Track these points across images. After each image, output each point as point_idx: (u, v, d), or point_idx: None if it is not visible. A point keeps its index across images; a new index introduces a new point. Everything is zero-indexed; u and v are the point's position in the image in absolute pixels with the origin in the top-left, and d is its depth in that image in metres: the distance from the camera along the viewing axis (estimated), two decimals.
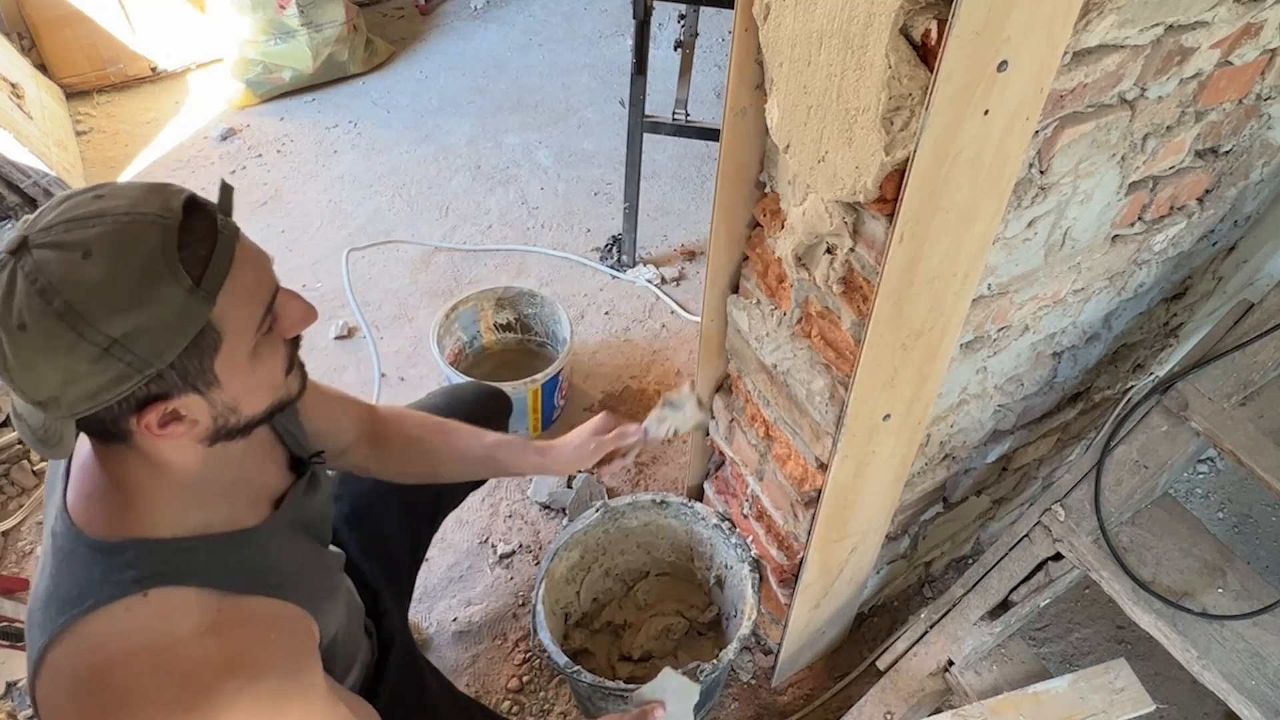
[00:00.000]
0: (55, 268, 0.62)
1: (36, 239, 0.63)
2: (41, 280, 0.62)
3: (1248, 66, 1.00)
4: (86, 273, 0.62)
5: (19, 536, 1.87)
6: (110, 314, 0.63)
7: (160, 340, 0.65)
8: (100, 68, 3.01)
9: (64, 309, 0.62)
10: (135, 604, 0.73)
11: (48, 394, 0.64)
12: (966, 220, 0.85)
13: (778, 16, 0.86)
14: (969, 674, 1.43)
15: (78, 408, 0.65)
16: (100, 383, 0.64)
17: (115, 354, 0.64)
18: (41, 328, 0.62)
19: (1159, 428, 1.23)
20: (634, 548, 1.67)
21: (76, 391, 0.64)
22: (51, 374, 0.63)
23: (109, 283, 0.63)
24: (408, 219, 2.67)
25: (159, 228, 0.66)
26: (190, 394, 0.71)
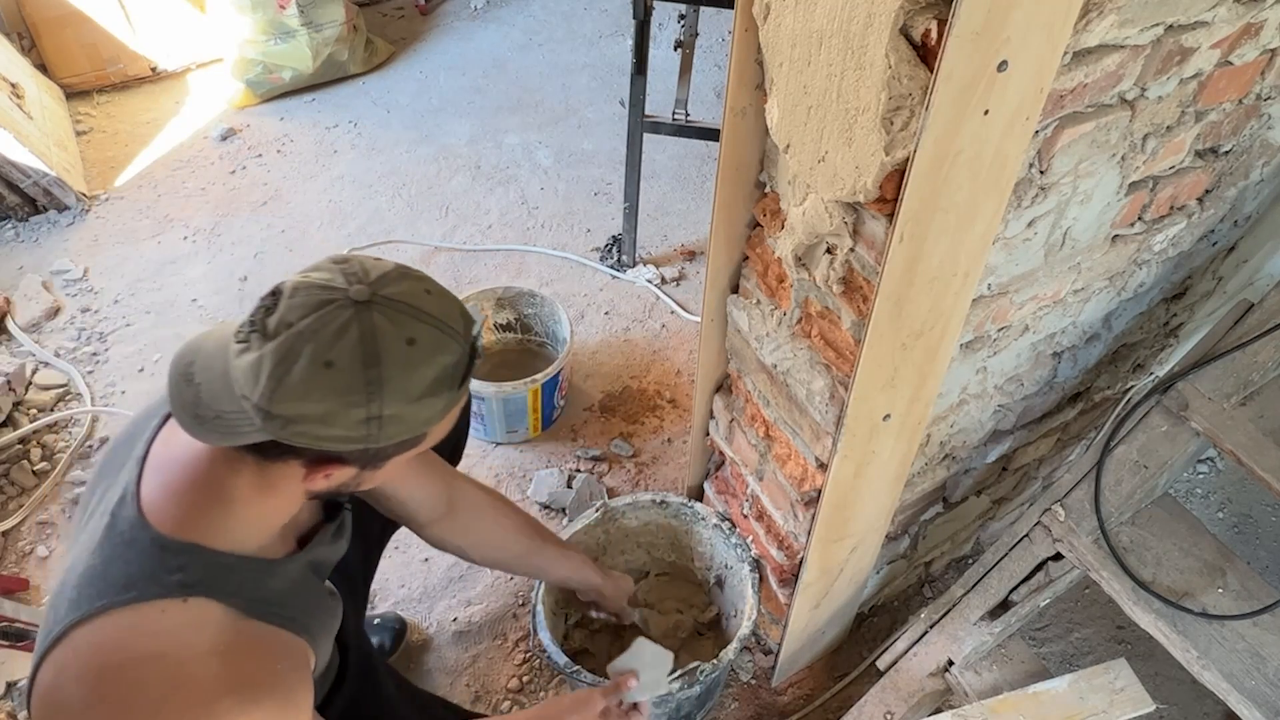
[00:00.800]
0: (386, 341, 0.71)
1: (380, 304, 0.72)
2: (371, 345, 0.70)
3: (1248, 66, 1.00)
4: (405, 357, 0.71)
5: (19, 536, 1.87)
6: (397, 399, 0.72)
7: (401, 431, 0.75)
8: (100, 68, 3.01)
9: (374, 377, 0.70)
10: (172, 608, 0.76)
11: (291, 413, 0.70)
12: (966, 220, 0.85)
13: (778, 16, 0.86)
14: (969, 674, 1.43)
15: (300, 440, 0.72)
16: (338, 435, 0.72)
17: (371, 425, 0.72)
18: (345, 377, 0.70)
19: (1159, 428, 1.23)
20: (634, 548, 1.67)
21: (315, 430, 0.71)
22: (314, 407, 0.70)
23: (414, 376, 0.72)
24: (408, 219, 2.67)
25: (459, 349, 0.76)
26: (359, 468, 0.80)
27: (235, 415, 0.72)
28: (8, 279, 2.42)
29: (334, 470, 0.78)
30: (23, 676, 1.63)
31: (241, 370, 0.71)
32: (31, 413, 2.07)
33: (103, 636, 0.74)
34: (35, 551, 1.85)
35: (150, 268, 2.49)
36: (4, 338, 2.25)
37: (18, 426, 2.02)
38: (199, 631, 0.76)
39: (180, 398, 0.74)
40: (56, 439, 2.04)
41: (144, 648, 0.74)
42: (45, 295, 2.37)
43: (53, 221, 2.60)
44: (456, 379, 0.76)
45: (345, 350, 0.70)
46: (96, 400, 2.13)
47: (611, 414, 2.14)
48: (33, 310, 2.32)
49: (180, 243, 2.57)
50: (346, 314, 0.70)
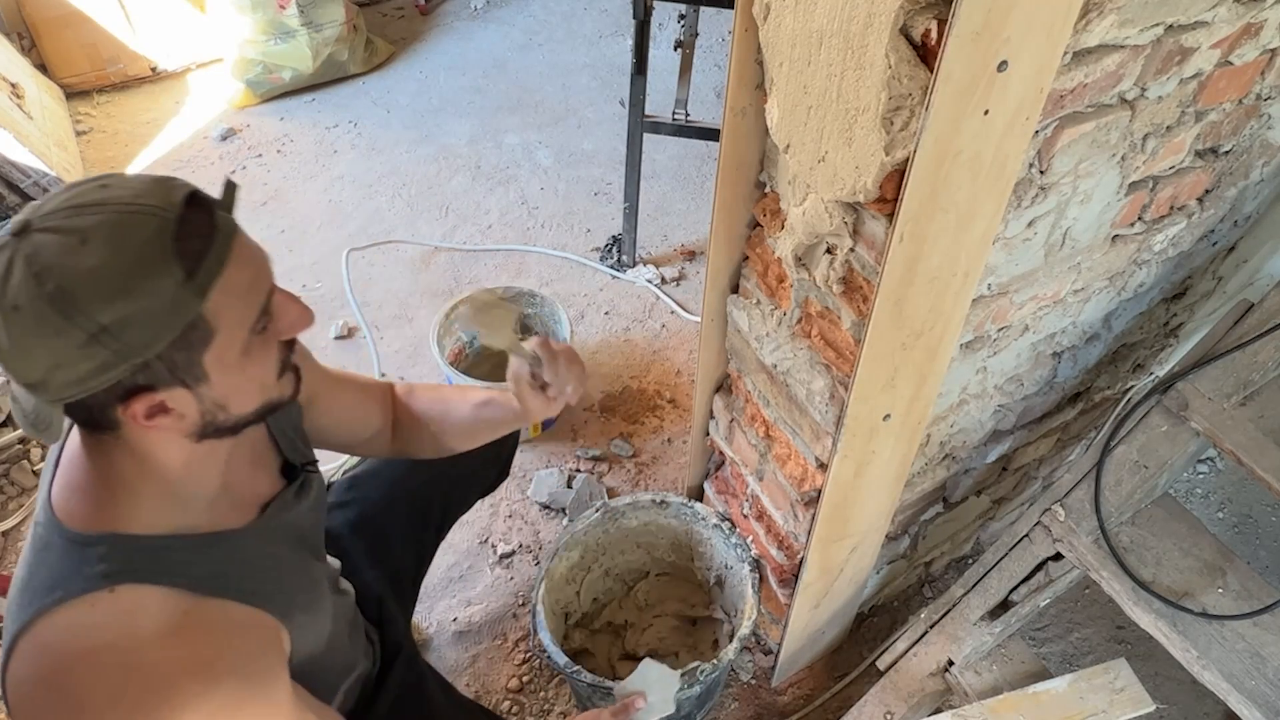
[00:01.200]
0: (51, 252, 0.63)
1: (38, 223, 0.65)
2: (37, 264, 0.63)
3: (1248, 66, 1.00)
4: (81, 259, 0.63)
5: (19, 536, 1.87)
6: (100, 301, 0.64)
7: (149, 330, 0.66)
8: (100, 68, 3.01)
9: (56, 293, 0.63)
10: (101, 600, 0.73)
11: (36, 377, 0.65)
12: (966, 220, 0.85)
13: (778, 16, 0.86)
14: (969, 674, 1.43)
15: (64, 393, 0.66)
16: (87, 369, 0.65)
17: (103, 341, 0.64)
18: (34, 310, 0.63)
19: (1159, 428, 1.23)
20: (634, 548, 1.67)
21: (64, 376, 0.65)
22: (41, 357, 0.64)
23: (102, 270, 0.64)
24: (408, 219, 2.67)
25: (156, 219, 0.67)
26: (178, 387, 0.71)
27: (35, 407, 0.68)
28: None
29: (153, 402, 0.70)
30: None
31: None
32: None
33: (42, 641, 0.73)
34: None
35: None
36: None
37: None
38: (137, 618, 0.74)
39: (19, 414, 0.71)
40: None
41: (84, 643, 0.72)
42: None
43: None
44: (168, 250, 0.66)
45: (18, 285, 0.63)
46: None
47: (611, 414, 2.14)
48: None
49: None
50: (6, 253, 0.64)
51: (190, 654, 0.74)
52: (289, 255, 2.54)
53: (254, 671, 0.78)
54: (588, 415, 2.14)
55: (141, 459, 0.76)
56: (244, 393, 0.78)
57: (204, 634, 0.76)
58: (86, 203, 0.66)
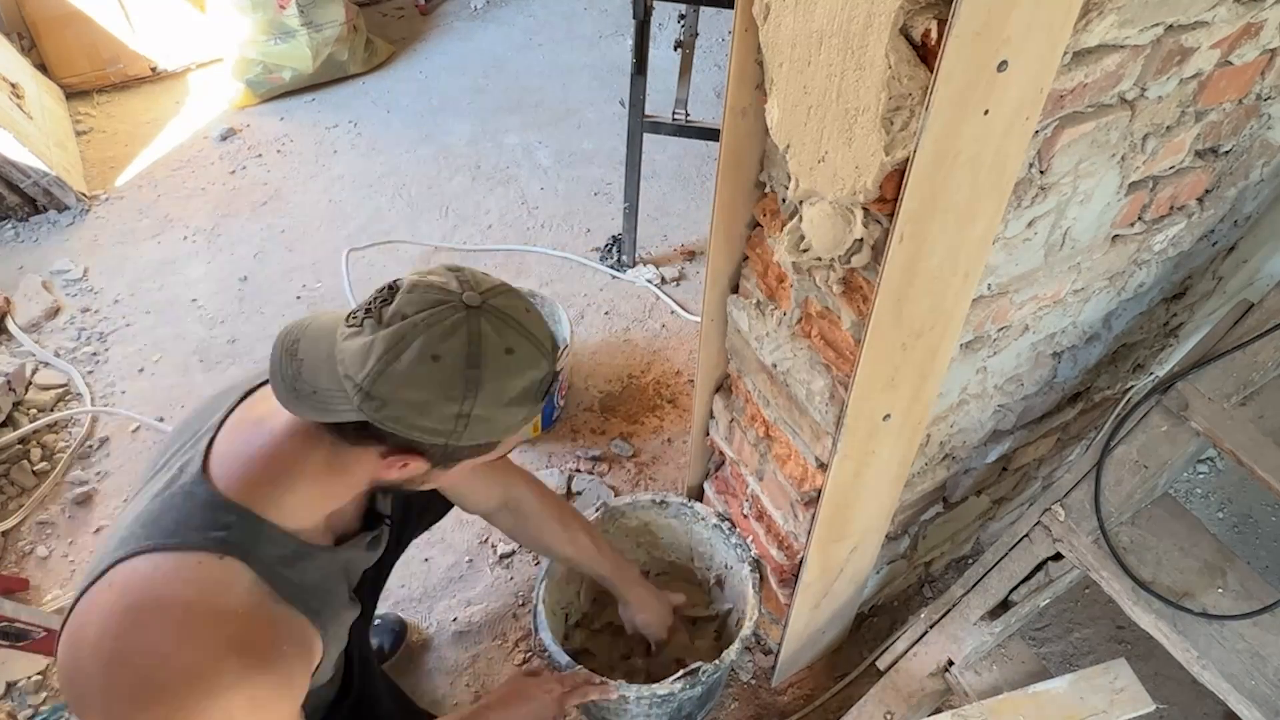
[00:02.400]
0: (488, 347, 0.77)
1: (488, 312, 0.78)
2: (476, 348, 0.76)
3: (1248, 66, 1.00)
4: (501, 365, 0.78)
5: (19, 536, 1.87)
6: (489, 400, 0.78)
7: (484, 432, 0.80)
8: (100, 68, 3.01)
9: (474, 378, 0.76)
10: (209, 562, 0.79)
11: (390, 397, 0.75)
12: (966, 220, 0.85)
13: (778, 16, 0.86)
14: (969, 674, 1.43)
15: (391, 425, 0.77)
16: (427, 426, 0.77)
17: (459, 421, 0.78)
18: (447, 373, 0.75)
19: (1159, 428, 1.23)
20: (634, 548, 1.67)
21: (408, 416, 0.76)
22: (414, 394, 0.75)
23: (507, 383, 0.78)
24: (408, 219, 2.67)
25: (544, 370, 0.82)
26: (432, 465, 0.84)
27: (333, 393, 0.76)
28: (8, 279, 2.42)
29: (410, 461, 0.82)
30: (23, 676, 1.63)
31: (350, 351, 0.76)
32: (31, 413, 2.07)
33: (138, 575, 0.78)
34: (35, 551, 1.85)
35: (150, 268, 2.49)
36: (4, 338, 2.25)
37: (18, 426, 2.02)
38: (225, 590, 0.80)
39: (282, 370, 0.78)
40: (56, 439, 2.04)
41: (171, 593, 0.78)
42: (45, 295, 2.37)
43: (53, 221, 2.61)
44: (540, 394, 0.82)
45: (453, 348, 0.75)
46: (96, 400, 2.13)
47: (611, 414, 2.14)
48: (33, 310, 2.32)
49: (180, 243, 2.57)
50: (458, 315, 0.76)
51: (246, 640, 0.79)
52: (289, 255, 2.54)
53: (290, 676, 0.84)
54: (588, 415, 2.14)
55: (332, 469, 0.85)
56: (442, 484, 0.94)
57: (264, 626, 0.82)
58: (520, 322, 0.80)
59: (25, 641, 1.51)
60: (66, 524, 1.89)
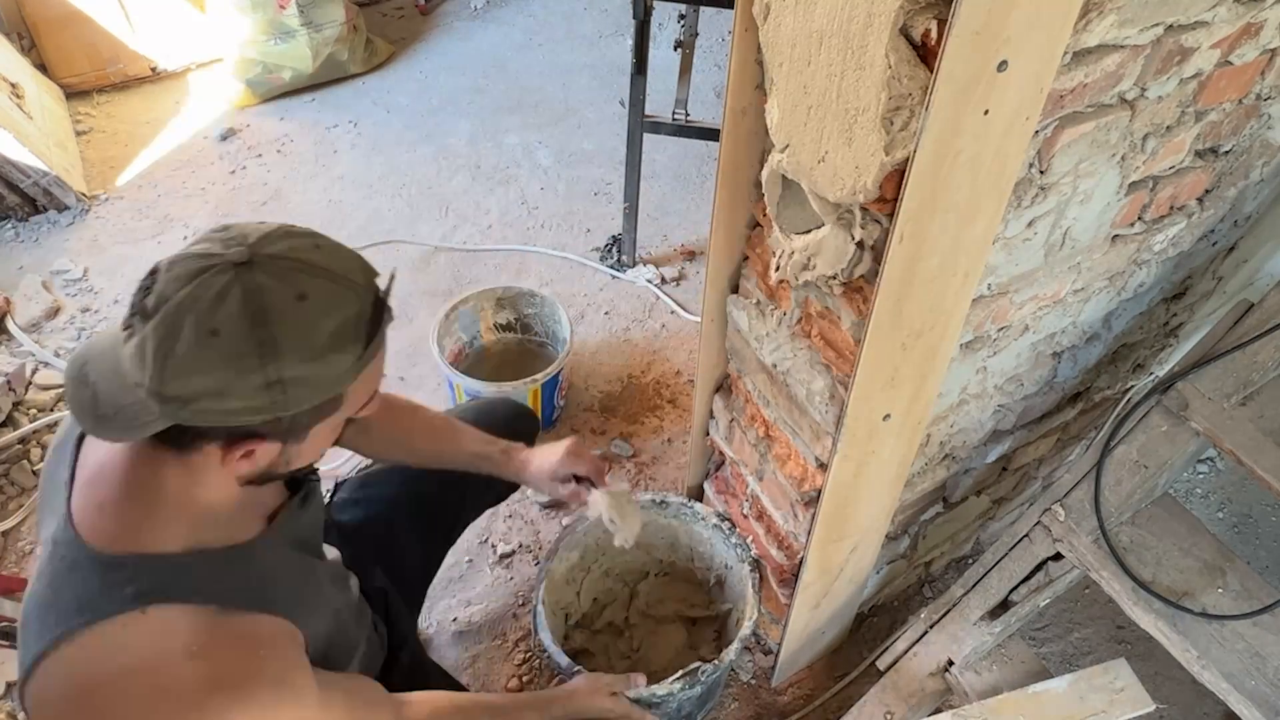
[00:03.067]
0: (272, 298, 0.67)
1: (262, 263, 0.68)
2: (255, 304, 0.66)
3: (1248, 66, 1.00)
4: (297, 315, 0.68)
5: (19, 536, 1.87)
6: (296, 358, 0.68)
7: (310, 394, 0.71)
8: (100, 68, 3.01)
9: (265, 337, 0.66)
10: (133, 620, 0.73)
11: (185, 393, 0.67)
12: (966, 220, 0.85)
13: (778, 16, 0.86)
14: (969, 674, 1.43)
15: (202, 418, 0.69)
16: (240, 406, 0.68)
17: (273, 391, 0.68)
18: (233, 342, 0.66)
19: (1159, 428, 1.23)
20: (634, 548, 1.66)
21: (215, 405, 0.68)
22: (208, 381, 0.66)
23: (309, 331, 0.69)
24: (408, 219, 2.67)
25: (359, 301, 0.73)
26: (276, 442, 0.75)
27: (134, 406, 0.69)
28: (8, 279, 2.42)
29: (253, 447, 0.73)
30: None
31: (128, 357, 0.68)
32: (31, 413, 2.07)
33: (71, 662, 0.72)
34: (35, 551, 1.84)
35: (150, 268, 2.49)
36: (4, 338, 2.25)
37: (18, 426, 2.02)
38: (168, 638, 0.74)
39: (78, 400, 0.71)
40: None
41: (115, 665, 0.72)
42: (45, 295, 2.37)
43: (53, 221, 2.61)
44: (361, 332, 0.72)
45: (229, 314, 0.66)
46: None
47: (611, 414, 2.14)
48: (33, 310, 2.32)
49: (180, 243, 2.57)
50: (225, 278, 0.67)
51: (220, 671, 0.75)
52: None
53: (283, 679, 0.79)
54: (588, 415, 2.14)
55: (189, 486, 0.77)
56: (310, 457, 0.83)
57: (232, 649, 0.77)
58: (307, 261, 0.70)
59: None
60: None
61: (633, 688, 1.25)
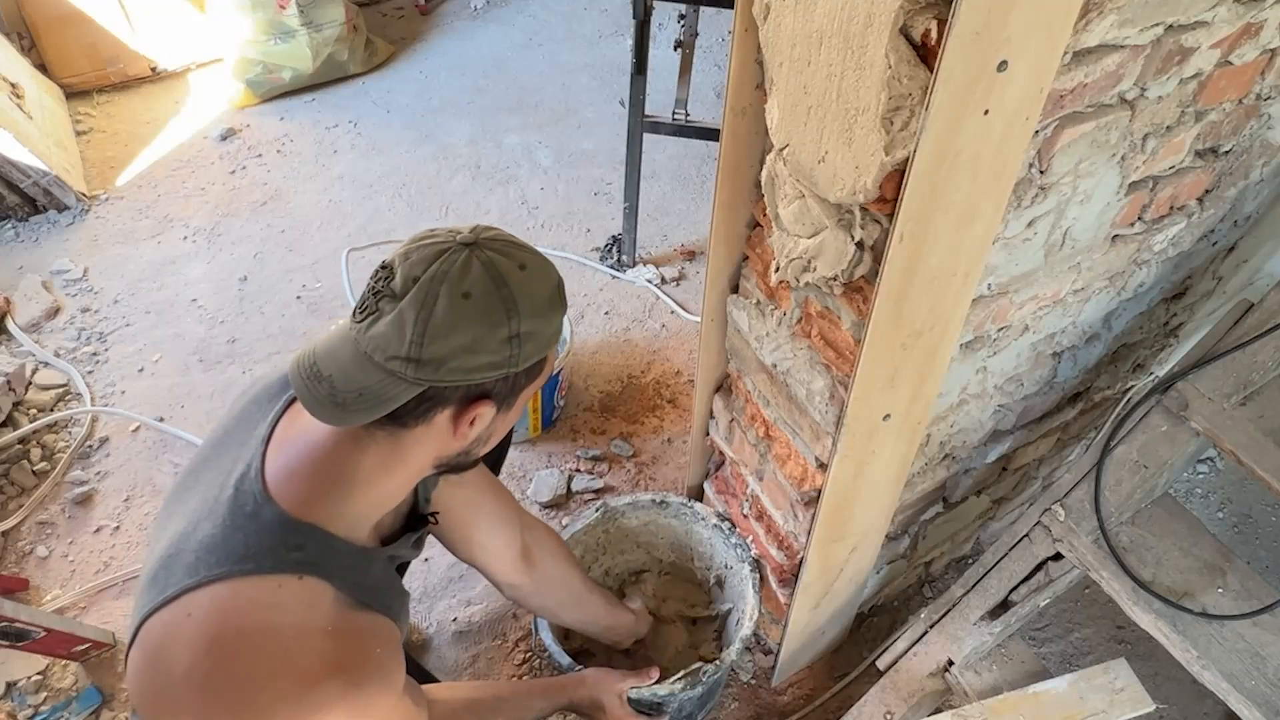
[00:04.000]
0: (504, 267, 0.79)
1: (485, 244, 0.79)
2: (494, 269, 0.78)
3: (1248, 66, 1.00)
4: (524, 279, 0.79)
5: (19, 536, 1.87)
6: (530, 314, 0.79)
7: (535, 349, 0.81)
8: (100, 68, 3.01)
9: (507, 295, 0.77)
10: (289, 584, 0.79)
11: (443, 353, 0.75)
12: (966, 220, 0.85)
13: (778, 16, 0.86)
14: (969, 674, 1.43)
15: (455, 376, 0.77)
16: (489, 360, 0.78)
17: (513, 344, 0.79)
18: (484, 302, 0.77)
19: (1159, 428, 1.23)
20: (634, 548, 1.67)
21: (468, 361, 0.77)
22: (462, 338, 0.76)
23: (537, 292, 0.80)
24: (408, 219, 2.67)
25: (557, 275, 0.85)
26: (497, 407, 0.84)
27: (380, 383, 0.76)
28: (8, 279, 2.42)
29: (479, 411, 0.82)
30: (23, 676, 1.63)
31: (381, 335, 0.76)
32: (31, 413, 2.07)
33: (220, 603, 0.77)
34: (35, 551, 1.84)
35: (150, 268, 2.49)
36: (4, 338, 2.25)
37: (18, 426, 2.02)
38: (312, 610, 0.80)
39: (314, 395, 0.78)
40: (56, 439, 2.04)
41: (259, 620, 0.77)
42: (45, 295, 2.37)
43: (53, 221, 2.61)
44: (562, 296, 0.85)
45: (476, 280, 0.77)
46: (96, 400, 2.13)
47: (611, 414, 2.14)
48: (33, 310, 2.32)
49: (180, 243, 2.57)
50: (464, 253, 0.77)
51: (341, 654, 0.80)
52: (289, 255, 2.54)
53: (389, 675, 0.85)
54: (588, 415, 2.14)
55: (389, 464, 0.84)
56: (501, 433, 0.92)
57: (355, 637, 0.82)
58: (514, 242, 0.82)
59: (25, 641, 1.51)
60: (66, 524, 1.89)
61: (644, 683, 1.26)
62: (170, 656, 0.76)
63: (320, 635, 0.79)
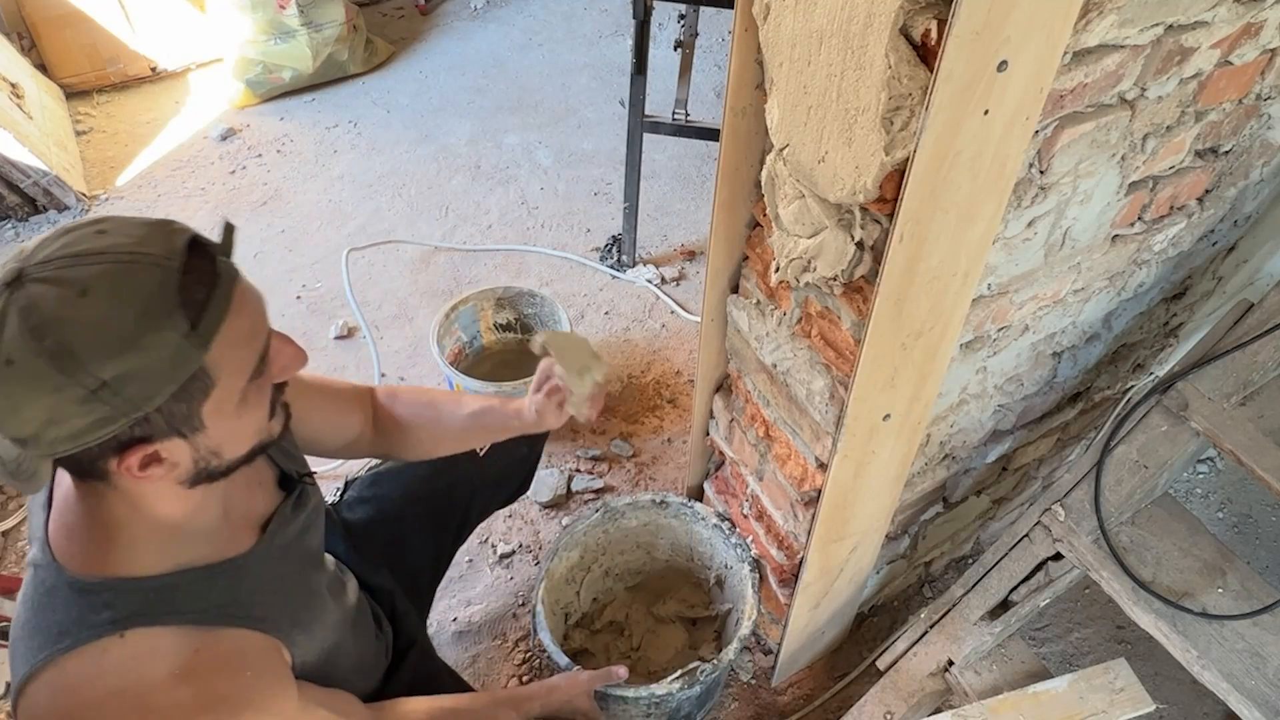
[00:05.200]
0: (50, 305, 0.61)
1: (33, 272, 0.62)
2: (34, 317, 0.60)
3: (1248, 66, 1.00)
4: (82, 312, 0.61)
5: (19, 536, 1.87)
6: (103, 356, 0.61)
7: (151, 384, 0.64)
8: (100, 68, 3.01)
9: (55, 349, 0.60)
10: (112, 645, 0.72)
11: (28, 432, 0.63)
12: (966, 220, 0.85)
13: (778, 16, 0.86)
14: (969, 674, 1.43)
15: (57, 448, 0.64)
16: (84, 424, 0.63)
17: (103, 396, 0.62)
18: (30, 366, 0.60)
19: (1159, 428, 1.23)
20: (634, 548, 1.67)
21: (59, 431, 0.63)
22: (35, 412, 0.62)
23: (105, 324, 0.62)
24: (408, 219, 2.67)
25: (160, 269, 0.64)
26: (174, 438, 0.70)
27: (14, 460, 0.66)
28: None
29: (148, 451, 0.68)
30: None
31: None
32: None
33: (54, 688, 0.72)
34: None
35: None
36: None
37: None
38: (150, 661, 0.73)
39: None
40: None
41: (98, 689, 0.72)
42: None
43: (53, 221, 2.60)
44: (173, 302, 0.64)
45: (11, 338, 0.60)
46: None
47: (611, 414, 2.14)
48: None
49: None
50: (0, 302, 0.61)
51: (204, 694, 0.74)
52: (289, 255, 2.54)
53: (266, 698, 0.79)
54: None
55: (135, 506, 0.74)
56: (239, 438, 0.77)
57: (216, 670, 0.76)
58: (85, 251, 0.63)
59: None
60: None
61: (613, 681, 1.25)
62: None
63: (169, 684, 0.73)
